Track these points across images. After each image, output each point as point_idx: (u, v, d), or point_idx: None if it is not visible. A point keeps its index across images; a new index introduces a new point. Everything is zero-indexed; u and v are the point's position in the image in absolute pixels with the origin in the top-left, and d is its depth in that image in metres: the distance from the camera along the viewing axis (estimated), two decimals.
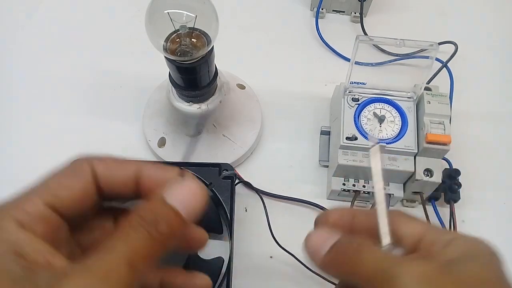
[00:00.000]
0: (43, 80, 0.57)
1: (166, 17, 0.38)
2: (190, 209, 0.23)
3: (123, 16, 0.61)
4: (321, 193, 0.50)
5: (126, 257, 0.20)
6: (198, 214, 0.23)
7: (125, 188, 0.24)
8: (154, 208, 0.22)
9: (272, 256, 0.46)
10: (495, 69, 0.59)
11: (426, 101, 0.44)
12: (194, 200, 0.23)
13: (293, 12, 0.62)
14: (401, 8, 0.63)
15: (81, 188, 0.23)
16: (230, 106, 0.48)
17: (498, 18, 0.63)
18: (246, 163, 0.52)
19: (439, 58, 0.53)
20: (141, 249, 0.20)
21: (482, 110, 0.56)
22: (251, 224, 0.48)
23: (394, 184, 0.46)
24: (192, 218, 0.23)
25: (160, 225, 0.21)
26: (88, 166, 0.24)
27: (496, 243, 0.39)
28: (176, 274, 0.27)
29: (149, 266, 0.21)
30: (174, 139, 0.50)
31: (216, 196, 0.45)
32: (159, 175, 0.25)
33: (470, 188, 0.49)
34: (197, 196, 0.23)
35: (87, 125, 0.54)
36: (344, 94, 0.46)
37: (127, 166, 0.25)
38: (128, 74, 0.57)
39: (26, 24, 0.61)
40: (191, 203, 0.23)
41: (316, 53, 0.59)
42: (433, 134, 0.43)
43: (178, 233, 0.22)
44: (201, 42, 0.39)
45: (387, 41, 0.43)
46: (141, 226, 0.21)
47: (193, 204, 0.23)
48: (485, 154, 0.53)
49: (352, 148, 0.44)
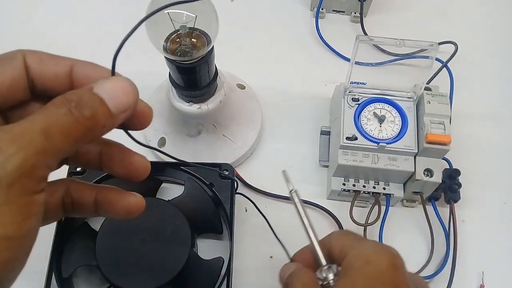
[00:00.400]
0: None
1: (166, 17, 0.38)
2: (117, 102, 0.23)
3: (123, 16, 0.61)
4: (321, 193, 0.50)
5: (41, 125, 0.20)
6: (127, 110, 0.23)
7: (57, 82, 0.25)
8: (79, 93, 0.22)
9: (272, 256, 0.46)
10: (495, 69, 0.59)
11: (426, 101, 0.44)
12: (122, 94, 0.23)
13: (293, 12, 0.62)
14: (401, 8, 0.63)
15: (11, 76, 0.23)
16: (230, 106, 0.48)
17: (498, 18, 0.63)
18: (246, 163, 0.52)
19: (439, 58, 0.53)
20: (59, 123, 0.21)
21: (482, 110, 0.56)
22: (251, 224, 0.48)
23: (394, 184, 0.46)
24: (120, 112, 0.23)
25: (83, 108, 0.22)
26: (21, 56, 0.24)
27: (496, 243, 0.39)
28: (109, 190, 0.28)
29: (68, 143, 0.21)
30: (174, 139, 0.50)
31: (216, 196, 0.45)
32: (91, 71, 0.25)
33: (470, 188, 0.49)
34: (125, 90, 0.24)
35: None
36: (344, 94, 0.46)
37: (60, 61, 0.25)
38: (127, 74, 0.56)
39: (26, 24, 0.61)
40: (118, 96, 0.23)
41: (316, 53, 0.59)
42: (433, 134, 0.43)
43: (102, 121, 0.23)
44: (201, 42, 0.39)
45: (387, 41, 0.43)
46: (63, 103, 0.21)
47: (121, 98, 0.23)
48: (485, 154, 0.53)
49: (352, 148, 0.44)
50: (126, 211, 0.28)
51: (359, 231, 0.47)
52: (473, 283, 0.46)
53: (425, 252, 0.46)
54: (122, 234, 0.41)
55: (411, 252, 0.46)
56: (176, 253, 0.40)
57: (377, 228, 0.46)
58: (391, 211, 0.46)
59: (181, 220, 0.42)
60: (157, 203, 0.43)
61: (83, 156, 0.27)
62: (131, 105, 0.24)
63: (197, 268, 0.42)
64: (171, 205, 0.43)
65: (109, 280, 0.39)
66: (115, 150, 0.28)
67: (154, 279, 0.39)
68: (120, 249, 0.40)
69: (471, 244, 0.47)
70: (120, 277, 0.39)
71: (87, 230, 0.44)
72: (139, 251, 0.40)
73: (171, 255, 0.40)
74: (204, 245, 0.46)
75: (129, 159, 0.28)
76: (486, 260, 0.47)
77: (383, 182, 0.46)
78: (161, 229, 0.41)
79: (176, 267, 0.40)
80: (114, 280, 0.39)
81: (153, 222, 0.42)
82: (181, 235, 0.41)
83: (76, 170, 0.45)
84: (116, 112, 0.23)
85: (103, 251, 0.40)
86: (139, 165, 0.28)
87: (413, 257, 0.46)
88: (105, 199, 0.28)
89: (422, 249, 0.47)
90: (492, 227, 0.49)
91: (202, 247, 0.46)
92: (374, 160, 0.44)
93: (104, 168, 0.28)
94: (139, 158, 0.28)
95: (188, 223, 0.42)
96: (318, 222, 0.48)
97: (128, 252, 0.40)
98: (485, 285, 0.45)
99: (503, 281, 0.46)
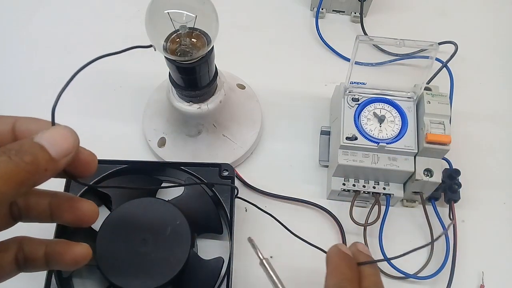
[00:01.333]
0: (43, 80, 0.57)
1: (166, 17, 0.38)
2: (58, 147, 0.24)
3: (123, 16, 0.61)
4: (321, 193, 0.50)
5: None
6: (68, 155, 0.25)
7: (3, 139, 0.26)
8: (20, 142, 0.24)
9: (272, 256, 0.46)
10: (495, 69, 0.59)
11: (426, 101, 0.44)
12: (62, 140, 0.25)
13: (293, 12, 0.62)
14: (401, 8, 0.63)
15: None
16: (230, 106, 0.48)
17: (498, 18, 0.63)
18: (246, 163, 0.52)
19: (439, 58, 0.53)
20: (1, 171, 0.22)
21: (482, 110, 0.56)
22: (251, 224, 0.48)
23: (394, 184, 0.46)
24: (61, 156, 0.24)
25: (23, 154, 0.23)
26: None
27: (496, 243, 0.40)
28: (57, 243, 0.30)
29: (10, 187, 0.22)
30: (174, 139, 0.50)
31: (216, 196, 0.45)
32: (32, 125, 0.27)
33: (470, 188, 0.49)
34: (65, 136, 0.25)
35: (87, 125, 0.54)
36: (344, 94, 0.46)
37: (3, 120, 0.26)
38: (128, 74, 0.57)
39: (26, 24, 0.61)
40: (58, 142, 0.24)
41: (316, 53, 0.59)
42: (433, 134, 0.43)
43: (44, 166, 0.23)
44: (201, 42, 0.39)
45: (387, 41, 0.43)
46: (3, 152, 0.23)
47: (61, 143, 0.25)
48: (485, 154, 0.53)
49: (352, 148, 0.44)
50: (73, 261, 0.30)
51: (359, 231, 0.47)
52: (473, 283, 0.46)
53: (425, 252, 0.46)
54: (122, 234, 0.41)
55: (411, 252, 0.46)
56: (176, 253, 0.40)
57: (377, 228, 0.46)
58: (391, 211, 0.46)
59: (181, 220, 0.42)
60: (157, 203, 0.43)
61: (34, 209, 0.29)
62: (72, 149, 0.25)
63: (197, 268, 0.42)
64: (171, 205, 0.43)
65: (109, 280, 0.39)
66: (62, 199, 0.29)
67: (154, 279, 0.39)
68: (120, 249, 0.40)
69: (471, 244, 0.47)
70: (120, 277, 0.39)
71: (87, 230, 0.44)
72: (139, 251, 0.40)
73: (171, 255, 0.40)
74: (204, 245, 0.46)
75: (77, 205, 0.29)
76: (486, 260, 0.47)
77: (383, 182, 0.46)
78: (161, 229, 0.41)
79: (176, 267, 0.40)
80: (114, 280, 0.39)
81: (153, 222, 0.42)
82: (181, 235, 0.41)
83: None
84: (57, 156, 0.24)
85: (103, 251, 0.40)
86: (87, 209, 0.30)
87: (413, 257, 0.45)
88: (54, 251, 0.29)
89: (422, 249, 0.47)
90: (492, 227, 0.49)
91: (202, 247, 0.46)
92: (374, 160, 0.44)
93: (55, 219, 0.30)
94: (87, 203, 0.30)
95: (188, 223, 0.42)
96: (318, 222, 0.48)
97: (128, 252, 0.40)
98: (485, 285, 0.45)
99: (503, 281, 0.46)
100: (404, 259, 0.32)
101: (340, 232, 0.47)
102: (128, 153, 0.50)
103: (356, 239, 0.47)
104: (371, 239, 0.46)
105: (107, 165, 0.45)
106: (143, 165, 0.47)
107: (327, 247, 0.35)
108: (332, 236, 0.48)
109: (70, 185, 0.44)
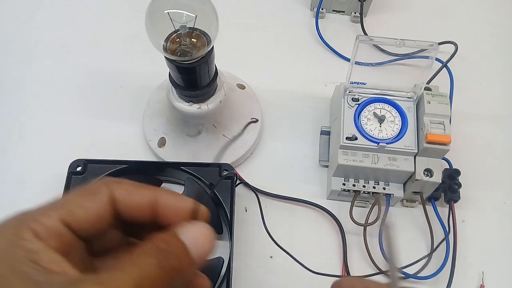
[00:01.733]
0: (43, 81, 0.57)
1: (166, 17, 0.38)
2: (199, 250, 0.24)
3: (123, 16, 0.61)
4: (321, 193, 0.50)
5: (135, 279, 0.21)
6: (205, 258, 0.24)
7: (141, 212, 0.25)
8: (167, 240, 0.23)
9: (272, 256, 0.46)
10: (495, 69, 0.59)
11: (426, 101, 0.44)
12: (204, 243, 0.24)
13: (293, 12, 0.62)
14: (401, 8, 0.63)
15: (96, 210, 0.24)
16: (230, 106, 0.48)
17: (498, 18, 0.63)
18: (246, 163, 0.52)
19: (439, 58, 0.53)
20: (150, 275, 0.21)
21: (482, 110, 0.56)
22: (251, 224, 0.48)
23: (394, 184, 0.46)
24: (199, 260, 0.24)
25: (171, 257, 0.22)
26: (106, 188, 0.24)
27: (496, 243, 0.40)
28: None
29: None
30: (174, 139, 0.50)
31: (216, 196, 0.45)
32: (174, 204, 0.26)
33: (470, 188, 0.49)
34: (207, 240, 0.24)
35: (87, 125, 0.54)
36: (344, 94, 0.46)
37: (144, 192, 0.25)
38: (128, 74, 0.57)
39: (26, 24, 0.61)
40: (201, 245, 0.24)
41: (316, 53, 0.59)
42: (433, 134, 0.43)
43: (185, 270, 0.23)
44: (201, 42, 0.39)
45: (387, 41, 0.43)
46: (154, 253, 0.22)
47: (203, 247, 0.24)
48: (485, 154, 0.53)
49: (352, 148, 0.44)
50: None
51: (359, 231, 0.47)
52: (473, 283, 0.46)
53: (425, 252, 0.46)
54: None
55: (411, 252, 0.46)
56: None
57: (377, 228, 0.46)
58: (391, 211, 0.46)
59: None
60: None
61: None
62: (210, 252, 0.24)
63: None
64: None
65: None
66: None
67: None
68: None
69: (471, 244, 0.47)
70: None
71: None
72: None
73: None
74: None
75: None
76: (486, 260, 0.47)
77: (383, 182, 0.46)
78: None
79: None
80: None
81: None
82: None
83: (76, 170, 0.45)
84: (197, 259, 0.23)
85: None
86: None
87: (413, 257, 0.45)
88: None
89: (422, 249, 0.47)
90: (492, 227, 0.49)
91: None
92: (374, 160, 0.44)
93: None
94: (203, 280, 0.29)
95: None
96: (318, 222, 0.48)
97: None
98: (485, 285, 0.45)
99: (503, 281, 0.46)
100: (404, 259, 0.32)
101: (340, 232, 0.47)
102: (128, 153, 0.50)
103: (356, 239, 0.47)
104: (371, 239, 0.46)
105: (107, 165, 0.45)
106: (143, 165, 0.47)
107: (327, 247, 0.34)
108: (332, 236, 0.48)
109: (70, 185, 0.45)
